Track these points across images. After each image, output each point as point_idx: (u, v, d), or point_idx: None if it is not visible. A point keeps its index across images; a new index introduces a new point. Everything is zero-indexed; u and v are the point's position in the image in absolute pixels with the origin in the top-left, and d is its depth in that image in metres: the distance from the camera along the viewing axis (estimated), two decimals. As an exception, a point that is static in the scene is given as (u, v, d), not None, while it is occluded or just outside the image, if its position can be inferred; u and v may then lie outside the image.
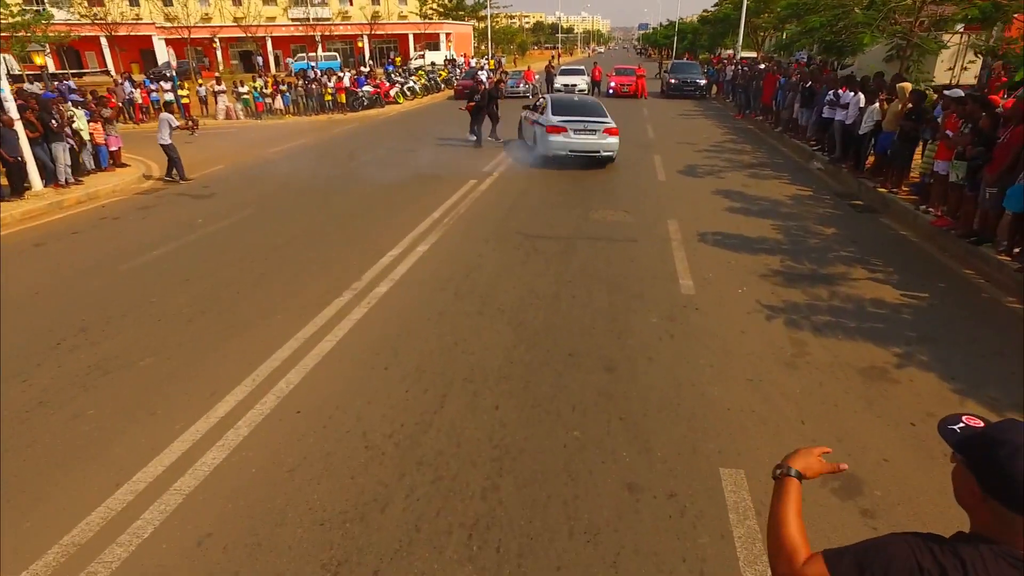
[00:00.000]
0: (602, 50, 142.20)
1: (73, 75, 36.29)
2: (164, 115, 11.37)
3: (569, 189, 10.48)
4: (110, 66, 42.87)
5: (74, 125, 11.45)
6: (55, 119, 10.66)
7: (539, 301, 5.95)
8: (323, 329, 5.38)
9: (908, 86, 9.74)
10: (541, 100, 13.94)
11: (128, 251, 7.76)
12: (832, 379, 4.62)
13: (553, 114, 12.44)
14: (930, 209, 8.37)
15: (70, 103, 12.33)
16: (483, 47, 60.67)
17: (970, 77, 21.93)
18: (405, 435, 3.93)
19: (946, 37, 19.85)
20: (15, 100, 10.13)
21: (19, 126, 9.95)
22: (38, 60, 19.47)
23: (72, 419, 4.16)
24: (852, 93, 11.09)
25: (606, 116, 12.66)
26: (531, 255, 7.24)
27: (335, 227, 8.54)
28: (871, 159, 10.87)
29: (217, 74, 23.38)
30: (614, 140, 12.24)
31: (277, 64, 51.73)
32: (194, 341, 5.26)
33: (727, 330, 5.39)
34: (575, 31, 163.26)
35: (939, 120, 8.63)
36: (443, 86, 31.13)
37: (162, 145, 11.42)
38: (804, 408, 4.26)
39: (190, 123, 11.50)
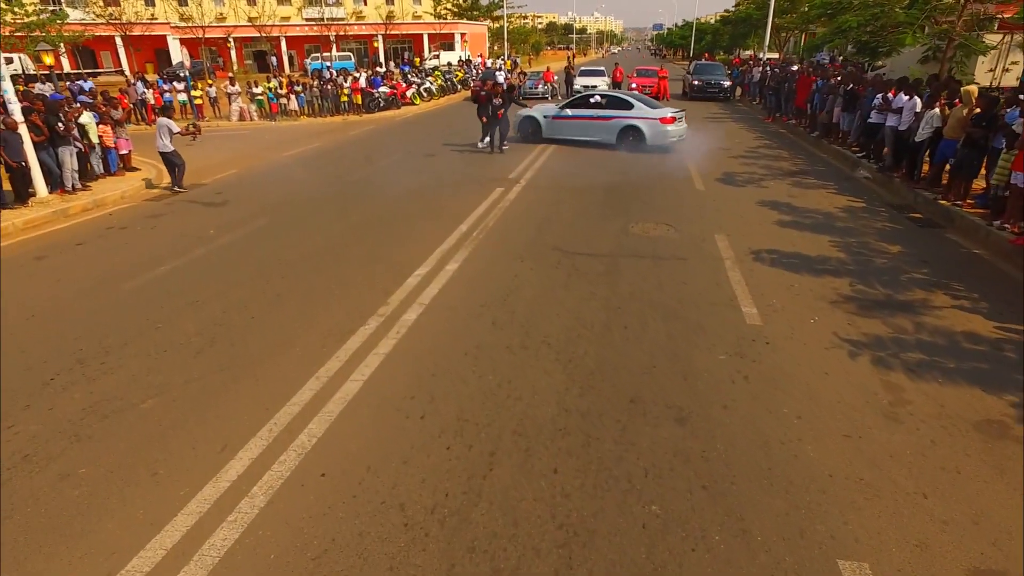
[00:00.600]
0: (616, 50, 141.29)
1: (88, 75, 36.11)
2: (162, 120, 10.53)
3: (603, 199, 9.81)
4: (125, 66, 42.71)
5: (83, 123, 10.94)
6: (62, 122, 10.14)
7: (588, 332, 5.30)
8: (348, 365, 4.76)
9: (974, 89, 8.98)
10: (598, 98, 14.90)
11: (134, 266, 7.19)
12: (945, 436, 3.93)
13: (651, 108, 14.39)
14: (1006, 225, 7.62)
15: (79, 103, 11.84)
16: (497, 47, 60.11)
17: (1011, 79, 21.03)
18: (451, 509, 3.29)
19: (989, 38, 19.05)
20: (20, 102, 9.62)
21: (23, 129, 9.43)
22: (47, 60, 18.95)
23: (60, 480, 3.56)
24: (907, 97, 10.33)
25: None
26: (572, 276, 6.58)
27: (355, 241, 7.93)
28: (925, 167, 10.13)
29: (231, 74, 22.91)
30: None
31: (291, 64, 51.43)
32: (203, 378, 4.65)
33: (807, 371, 4.71)
34: (588, 31, 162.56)
35: (1014, 127, 7.90)
36: (459, 87, 30.54)
37: (162, 153, 10.63)
38: (920, 476, 3.57)
39: (191, 128, 10.68)
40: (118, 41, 40.96)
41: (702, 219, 8.73)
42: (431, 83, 26.48)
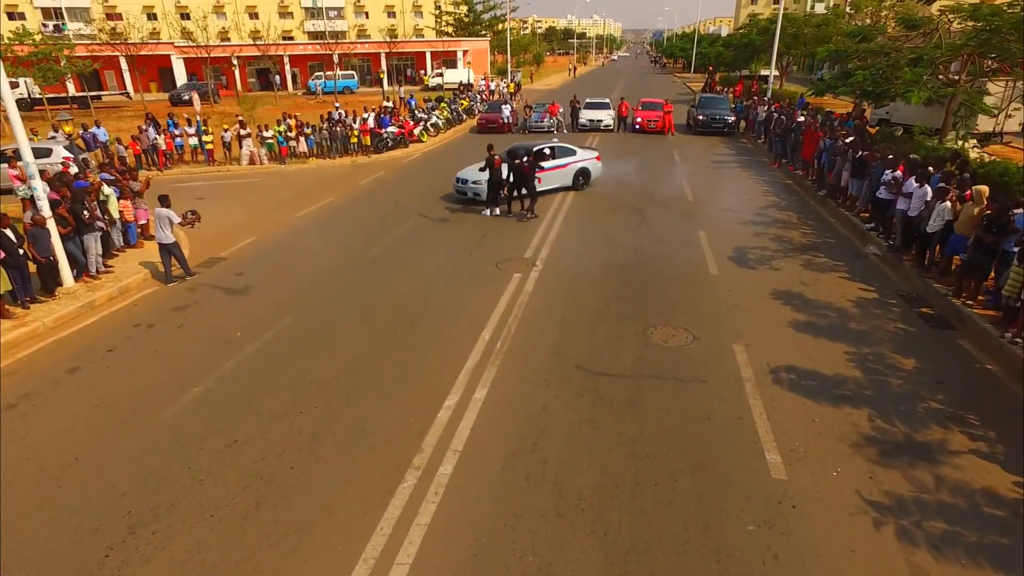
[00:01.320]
0: (616, 57, 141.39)
1: (92, 97, 36.28)
2: (161, 211, 10.16)
3: (619, 290, 9.99)
4: (129, 87, 42.89)
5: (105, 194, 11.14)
6: (87, 210, 10.32)
7: (620, 493, 5.48)
8: (392, 542, 4.94)
9: (985, 189, 9.18)
10: (548, 150, 16.41)
11: (167, 384, 7.39)
12: (971, 645, 4.12)
13: (585, 151, 17.39)
14: (1017, 340, 7.82)
15: (102, 180, 11.98)
16: (498, 55, 60.26)
17: (1014, 124, 21.33)
18: None
19: (992, 86, 19.33)
20: (47, 194, 9.79)
21: (51, 224, 9.60)
22: (67, 129, 19.08)
23: None
24: (916, 184, 10.53)
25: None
26: (597, 407, 6.77)
27: (383, 353, 8.10)
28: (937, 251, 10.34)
29: (240, 117, 23.08)
30: None
31: (295, 82, 51.63)
32: (252, 557, 4.83)
33: (834, 548, 4.90)
34: (587, 35, 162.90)
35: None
36: (464, 116, 30.72)
37: (161, 245, 10.38)
38: None
39: (190, 216, 10.61)
40: (122, 62, 41.11)
41: (719, 319, 8.92)
42: (437, 117, 26.65)
